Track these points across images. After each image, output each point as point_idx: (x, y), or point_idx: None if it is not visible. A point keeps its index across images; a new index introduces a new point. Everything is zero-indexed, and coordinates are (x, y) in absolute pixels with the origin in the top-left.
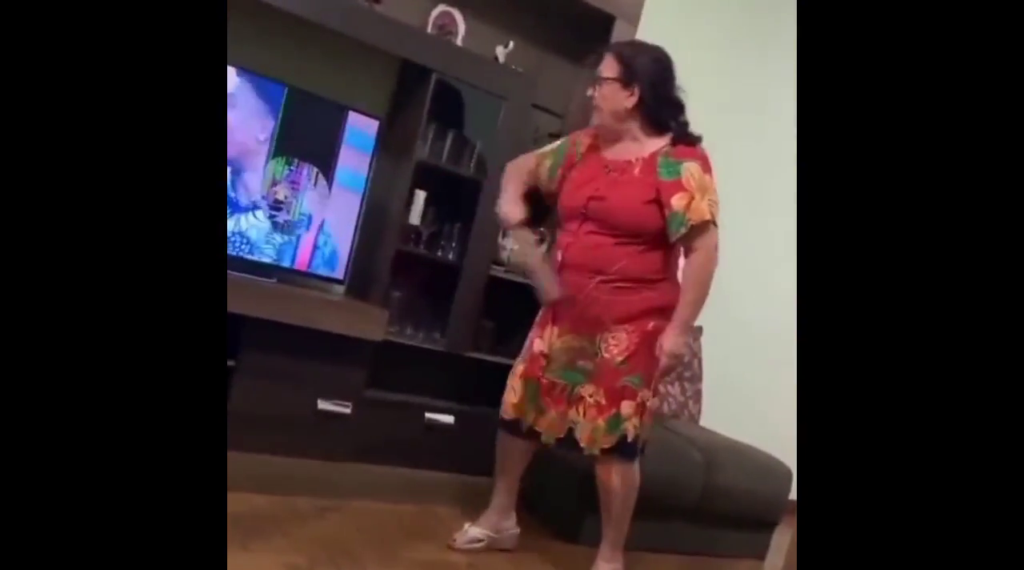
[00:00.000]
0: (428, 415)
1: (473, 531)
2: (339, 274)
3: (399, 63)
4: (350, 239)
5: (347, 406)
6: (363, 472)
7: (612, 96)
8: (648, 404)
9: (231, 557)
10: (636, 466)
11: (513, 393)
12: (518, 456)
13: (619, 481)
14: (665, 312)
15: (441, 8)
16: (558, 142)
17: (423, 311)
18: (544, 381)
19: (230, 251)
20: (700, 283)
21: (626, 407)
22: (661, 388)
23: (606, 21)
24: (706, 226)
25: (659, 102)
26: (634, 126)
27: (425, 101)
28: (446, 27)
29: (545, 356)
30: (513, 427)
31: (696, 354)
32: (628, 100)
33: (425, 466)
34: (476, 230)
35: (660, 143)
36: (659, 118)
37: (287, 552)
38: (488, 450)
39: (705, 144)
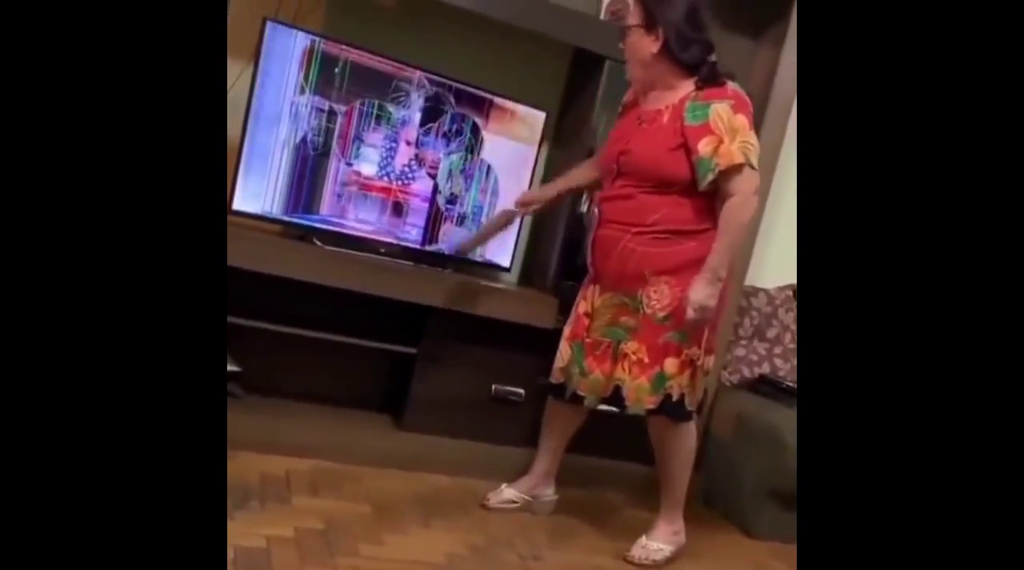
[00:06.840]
0: None
1: (508, 493)
2: (510, 263)
3: (571, 54)
4: (520, 229)
5: (519, 393)
6: (534, 457)
7: (637, 43)
8: (698, 362)
9: (413, 533)
10: (690, 426)
11: (560, 357)
12: (564, 421)
13: (672, 441)
14: None
15: None
16: None
17: None
18: (588, 341)
19: (411, 243)
20: (733, 228)
21: (670, 365)
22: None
23: None
24: (739, 169)
25: (684, 43)
26: (665, 72)
27: (598, 89)
28: (619, 13)
29: (588, 316)
30: (558, 391)
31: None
32: (653, 45)
33: (594, 453)
34: None
35: (691, 87)
36: (686, 60)
37: (466, 531)
38: None
39: None
